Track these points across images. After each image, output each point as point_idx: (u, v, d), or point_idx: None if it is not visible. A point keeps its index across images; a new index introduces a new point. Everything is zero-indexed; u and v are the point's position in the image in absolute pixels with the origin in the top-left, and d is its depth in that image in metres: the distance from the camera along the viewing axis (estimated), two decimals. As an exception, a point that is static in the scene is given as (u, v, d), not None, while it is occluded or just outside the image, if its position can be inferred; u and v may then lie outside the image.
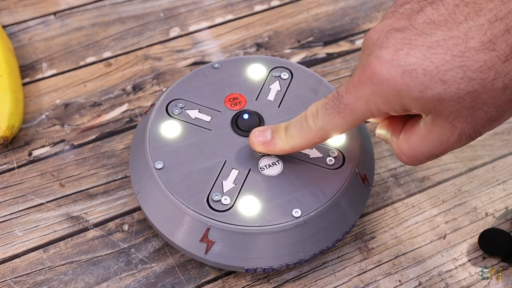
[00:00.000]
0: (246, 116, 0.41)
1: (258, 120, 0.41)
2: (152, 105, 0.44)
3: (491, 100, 0.29)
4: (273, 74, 0.44)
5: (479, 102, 0.29)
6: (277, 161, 0.40)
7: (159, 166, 0.39)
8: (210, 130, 0.41)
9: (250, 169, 0.39)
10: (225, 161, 0.39)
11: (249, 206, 0.38)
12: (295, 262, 0.38)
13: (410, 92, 0.29)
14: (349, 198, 0.39)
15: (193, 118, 0.41)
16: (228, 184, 0.38)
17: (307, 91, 0.44)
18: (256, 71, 0.44)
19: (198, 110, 0.42)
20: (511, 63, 0.28)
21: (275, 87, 0.44)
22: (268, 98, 0.43)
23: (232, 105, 0.42)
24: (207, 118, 0.41)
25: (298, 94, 0.43)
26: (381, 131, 0.36)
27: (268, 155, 0.40)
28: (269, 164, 0.40)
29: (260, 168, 0.39)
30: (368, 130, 0.45)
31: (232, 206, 0.38)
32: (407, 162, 0.34)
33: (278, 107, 0.43)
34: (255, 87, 0.44)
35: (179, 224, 0.38)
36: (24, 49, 0.55)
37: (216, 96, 0.43)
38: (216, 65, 0.44)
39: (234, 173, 0.39)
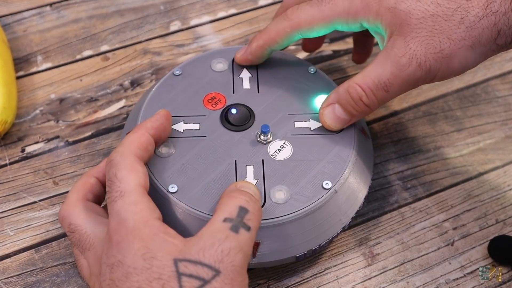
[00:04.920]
0: (234, 111, 0.41)
1: (247, 111, 0.42)
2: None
3: (447, 29, 0.36)
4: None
5: (437, 28, 0.36)
6: (284, 143, 0.40)
7: (174, 189, 0.38)
8: (205, 136, 0.41)
9: (263, 160, 0.40)
10: (235, 160, 0.39)
11: (281, 195, 0.38)
12: (338, 232, 0.39)
13: (389, 2, 0.37)
14: (363, 153, 0.41)
15: (182, 131, 0.41)
16: (249, 181, 0.39)
17: (278, 67, 0.44)
18: (219, 65, 0.45)
19: (182, 121, 0.41)
20: (472, 3, 0.35)
21: (245, 74, 0.44)
22: (244, 87, 0.43)
23: (214, 105, 0.42)
24: (195, 126, 0.41)
25: (271, 73, 0.44)
26: None
27: (272, 141, 0.40)
28: (278, 149, 0.40)
29: (272, 155, 0.40)
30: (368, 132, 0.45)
31: (265, 201, 0.38)
32: (358, 93, 0.38)
33: (258, 92, 0.43)
34: (226, 81, 0.44)
35: None
36: (19, 41, 0.55)
37: (193, 102, 0.42)
38: (177, 71, 0.44)
39: (250, 169, 0.39)
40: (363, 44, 0.50)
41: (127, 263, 0.31)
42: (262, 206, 0.38)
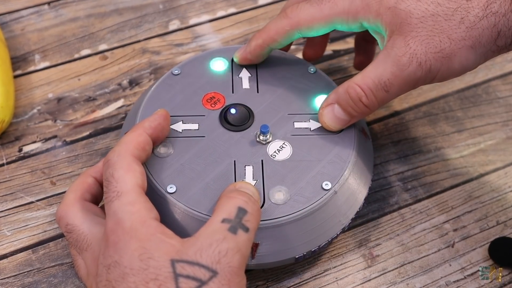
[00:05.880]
0: (233, 110, 0.41)
1: (246, 111, 0.42)
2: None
3: (448, 29, 0.36)
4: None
5: (438, 27, 0.36)
6: (284, 143, 0.40)
7: (172, 190, 0.38)
8: (204, 136, 0.41)
9: (262, 160, 0.40)
10: (234, 161, 0.39)
11: (280, 196, 0.38)
12: (337, 233, 0.39)
13: (389, 1, 0.37)
14: (363, 153, 0.41)
15: (181, 131, 0.41)
16: (248, 182, 0.39)
17: (278, 66, 0.45)
18: (218, 65, 0.45)
19: (181, 121, 0.41)
20: (472, 3, 0.36)
21: (245, 74, 0.44)
22: (243, 87, 0.43)
23: (213, 105, 0.42)
24: (194, 126, 0.41)
25: (270, 72, 0.44)
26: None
27: (272, 141, 0.40)
28: (277, 149, 0.40)
29: (271, 155, 0.40)
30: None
31: (264, 202, 0.38)
32: (357, 93, 0.38)
33: (257, 92, 0.43)
34: (226, 80, 0.44)
35: None
36: (16, 39, 0.55)
37: (192, 102, 0.42)
38: (176, 71, 0.44)
39: (249, 169, 0.39)
40: (365, 50, 0.50)
41: (124, 264, 0.31)
42: (261, 206, 0.38)
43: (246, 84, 0.44)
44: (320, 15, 0.39)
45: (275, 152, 0.40)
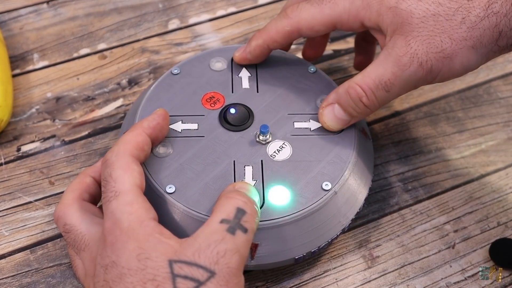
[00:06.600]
0: (233, 110, 0.41)
1: (246, 111, 0.42)
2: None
3: (449, 29, 0.36)
4: None
5: (439, 27, 0.36)
6: (283, 143, 0.40)
7: (171, 190, 0.38)
8: (203, 136, 0.41)
9: (262, 160, 0.40)
10: (234, 161, 0.39)
11: (280, 196, 0.38)
12: (337, 234, 0.39)
13: (390, 1, 0.37)
14: (363, 154, 0.41)
15: (180, 131, 0.41)
16: (248, 182, 0.38)
17: (277, 66, 0.44)
18: (218, 64, 0.45)
19: (180, 121, 0.41)
20: (474, 3, 0.35)
21: (244, 74, 0.44)
22: (243, 86, 0.43)
23: (212, 105, 0.42)
24: (194, 126, 0.41)
25: (270, 72, 0.44)
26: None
27: (271, 141, 0.40)
28: (277, 149, 0.40)
29: (271, 155, 0.40)
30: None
31: (263, 202, 0.38)
32: (358, 93, 0.38)
33: (257, 92, 0.43)
34: (225, 80, 0.44)
35: None
36: (15, 38, 0.55)
37: (191, 102, 0.42)
38: (176, 70, 0.44)
39: (248, 170, 0.39)
40: (365, 50, 0.49)
41: (121, 264, 0.31)
42: (261, 207, 0.38)
43: (246, 84, 0.44)
44: (321, 15, 0.39)
45: (274, 152, 0.40)
